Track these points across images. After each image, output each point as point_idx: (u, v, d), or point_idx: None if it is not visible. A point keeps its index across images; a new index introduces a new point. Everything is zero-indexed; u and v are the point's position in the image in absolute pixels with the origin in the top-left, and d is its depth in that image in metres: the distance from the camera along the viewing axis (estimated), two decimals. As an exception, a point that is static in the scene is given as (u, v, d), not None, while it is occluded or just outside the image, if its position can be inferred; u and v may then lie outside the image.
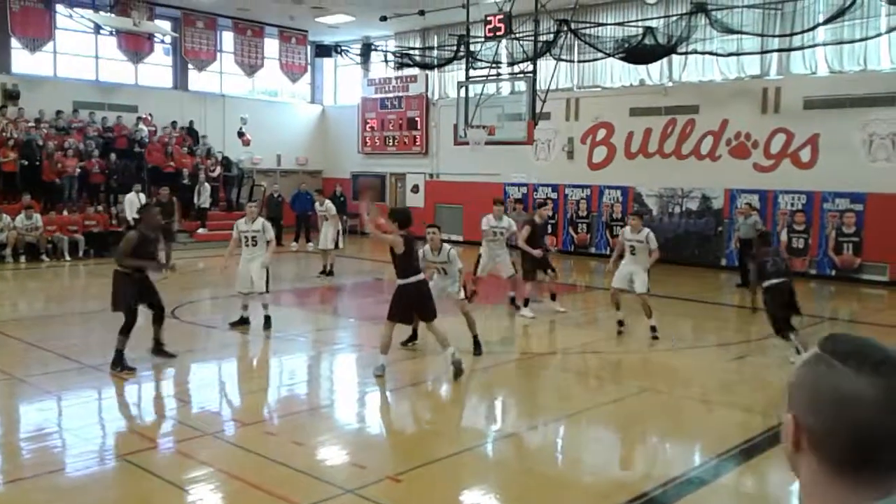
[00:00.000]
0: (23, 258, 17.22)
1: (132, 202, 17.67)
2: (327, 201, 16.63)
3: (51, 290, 15.12)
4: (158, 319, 8.72)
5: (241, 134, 23.83)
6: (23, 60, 20.89)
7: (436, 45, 23.63)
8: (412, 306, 8.27)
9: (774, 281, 8.98)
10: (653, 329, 10.31)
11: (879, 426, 1.13)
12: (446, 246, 9.28)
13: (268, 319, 10.47)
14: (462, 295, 9.42)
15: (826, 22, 15.24)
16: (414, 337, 9.52)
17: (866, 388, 1.14)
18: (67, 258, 17.82)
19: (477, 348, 9.19)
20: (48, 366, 8.52)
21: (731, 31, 16.28)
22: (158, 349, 8.70)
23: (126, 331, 8.21)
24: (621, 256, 10.63)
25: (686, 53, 17.53)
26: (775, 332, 9.00)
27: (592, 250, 20.46)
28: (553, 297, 12.30)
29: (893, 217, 15.71)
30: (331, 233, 15.99)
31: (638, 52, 17.49)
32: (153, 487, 5.33)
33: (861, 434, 1.14)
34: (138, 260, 8.42)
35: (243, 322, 10.54)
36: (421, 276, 8.38)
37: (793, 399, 1.23)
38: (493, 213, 11.95)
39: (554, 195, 20.93)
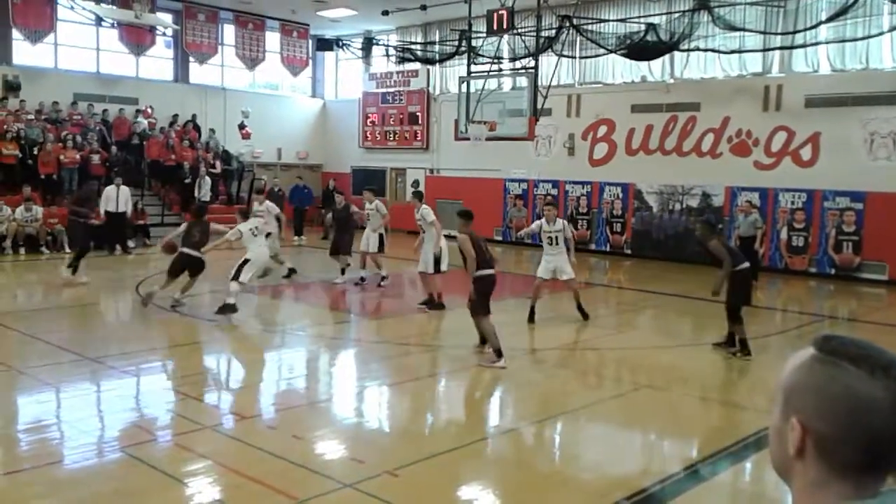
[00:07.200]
0: (22, 250, 17.20)
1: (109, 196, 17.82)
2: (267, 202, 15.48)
3: (50, 282, 15.11)
4: None
5: (241, 126, 23.77)
6: (24, 52, 20.85)
7: (437, 39, 23.61)
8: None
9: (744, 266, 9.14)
10: (581, 309, 11.07)
11: (892, 430, 1.12)
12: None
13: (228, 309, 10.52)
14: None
15: (828, 20, 15.23)
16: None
17: (882, 391, 1.11)
18: (67, 250, 17.78)
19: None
20: (46, 357, 8.52)
21: (734, 29, 16.28)
22: None
23: None
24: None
25: (688, 50, 17.53)
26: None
27: (592, 247, 20.40)
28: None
29: (893, 216, 15.71)
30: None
31: (640, 49, 17.48)
32: (151, 480, 5.32)
33: (874, 438, 1.12)
34: None
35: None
36: None
37: (795, 402, 1.18)
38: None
39: (554, 191, 20.92)
